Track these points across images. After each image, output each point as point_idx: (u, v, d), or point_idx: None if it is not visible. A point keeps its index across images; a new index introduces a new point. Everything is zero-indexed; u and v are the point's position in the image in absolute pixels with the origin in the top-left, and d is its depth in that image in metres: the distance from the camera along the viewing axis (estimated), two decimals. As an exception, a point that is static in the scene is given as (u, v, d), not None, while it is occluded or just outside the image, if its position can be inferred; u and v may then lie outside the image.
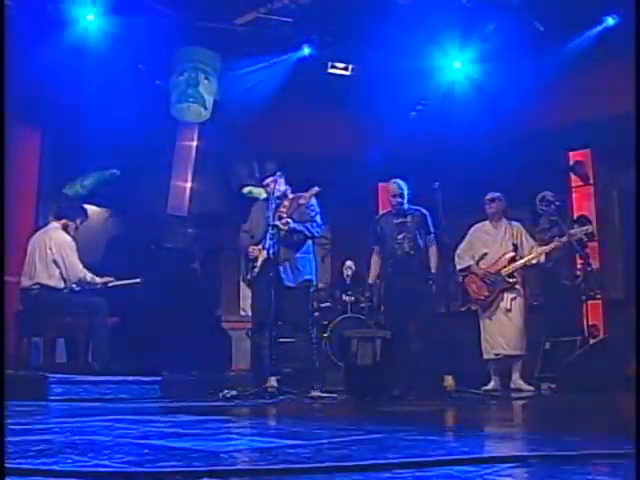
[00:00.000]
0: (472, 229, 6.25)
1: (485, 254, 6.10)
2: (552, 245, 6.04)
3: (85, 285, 5.85)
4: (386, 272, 5.77)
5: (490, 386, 5.86)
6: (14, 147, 6.64)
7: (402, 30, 7.52)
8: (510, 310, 5.89)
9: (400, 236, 5.66)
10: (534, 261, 6.03)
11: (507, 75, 8.18)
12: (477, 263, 6.11)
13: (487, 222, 6.24)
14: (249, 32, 7.66)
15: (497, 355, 5.90)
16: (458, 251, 6.16)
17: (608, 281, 7.75)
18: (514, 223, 6.25)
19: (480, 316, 6.07)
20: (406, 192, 5.83)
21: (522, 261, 6.02)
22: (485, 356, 5.99)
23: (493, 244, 6.10)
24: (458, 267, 6.12)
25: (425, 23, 7.31)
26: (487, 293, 5.95)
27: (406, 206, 5.78)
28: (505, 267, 5.98)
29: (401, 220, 5.72)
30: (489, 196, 6.24)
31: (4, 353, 4.65)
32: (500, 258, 6.04)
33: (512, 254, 6.05)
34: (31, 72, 6.90)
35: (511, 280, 5.95)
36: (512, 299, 5.91)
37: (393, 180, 5.93)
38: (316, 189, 5.43)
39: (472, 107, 8.35)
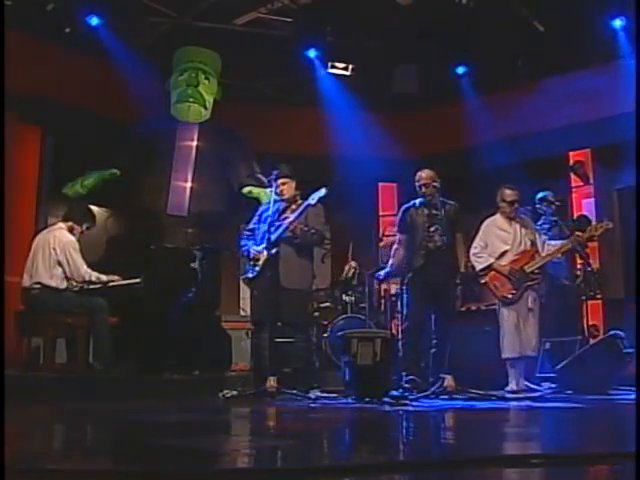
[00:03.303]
0: (484, 225, 5.89)
1: (505, 252, 5.76)
2: (571, 240, 5.76)
3: (90, 285, 5.85)
4: (416, 264, 5.50)
5: (512, 386, 5.65)
6: (15, 146, 6.65)
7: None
8: (532, 310, 5.64)
9: (432, 228, 5.44)
10: (558, 255, 5.83)
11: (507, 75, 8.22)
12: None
13: (498, 216, 5.88)
14: (249, 32, 7.66)
15: (520, 354, 5.66)
16: (474, 250, 5.79)
17: (608, 281, 7.74)
18: (522, 216, 5.97)
19: (503, 314, 5.70)
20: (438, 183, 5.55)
21: (544, 257, 5.74)
22: (508, 355, 5.61)
23: (514, 241, 5.78)
24: (479, 266, 5.74)
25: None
26: (514, 291, 5.65)
27: (439, 198, 5.50)
28: (527, 264, 5.71)
29: (433, 212, 5.47)
30: (515, 197, 5.82)
31: (4, 353, 4.65)
32: (521, 255, 5.75)
33: (533, 250, 5.77)
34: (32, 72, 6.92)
35: (536, 277, 5.69)
36: (534, 298, 5.68)
37: (426, 170, 5.65)
38: (323, 191, 5.35)
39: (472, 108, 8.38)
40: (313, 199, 5.35)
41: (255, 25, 7.66)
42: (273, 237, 5.30)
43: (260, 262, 5.41)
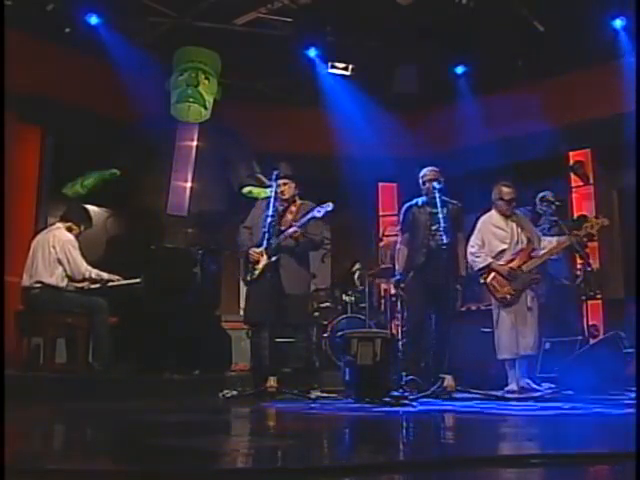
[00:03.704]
0: (480, 222, 5.84)
1: (503, 250, 5.71)
2: (569, 238, 5.71)
3: (91, 282, 5.86)
4: (417, 262, 5.50)
5: (512, 387, 5.65)
6: (15, 146, 6.66)
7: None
8: (531, 309, 5.59)
9: (434, 227, 5.41)
10: (556, 253, 5.80)
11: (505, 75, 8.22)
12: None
13: (494, 213, 5.82)
14: (249, 32, 7.66)
15: (516, 355, 5.67)
16: (472, 249, 5.72)
17: (608, 281, 7.75)
18: (518, 213, 5.92)
19: (500, 315, 5.67)
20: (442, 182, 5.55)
21: (542, 255, 5.69)
22: (505, 356, 5.61)
23: (511, 239, 5.73)
24: (477, 266, 5.69)
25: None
26: (513, 291, 5.60)
27: (442, 197, 5.49)
28: (525, 263, 5.64)
29: (436, 210, 5.41)
30: (513, 195, 5.76)
31: (4, 353, 4.65)
32: (519, 253, 5.70)
33: (530, 248, 5.71)
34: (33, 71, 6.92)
35: (535, 276, 5.63)
36: (532, 297, 5.63)
37: (431, 167, 5.65)
38: (331, 206, 5.34)
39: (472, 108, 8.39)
40: (319, 212, 5.33)
41: (255, 25, 7.66)
42: (274, 243, 5.28)
43: (260, 266, 5.39)
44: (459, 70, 8.40)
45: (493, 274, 5.68)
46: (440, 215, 5.32)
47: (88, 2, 7.10)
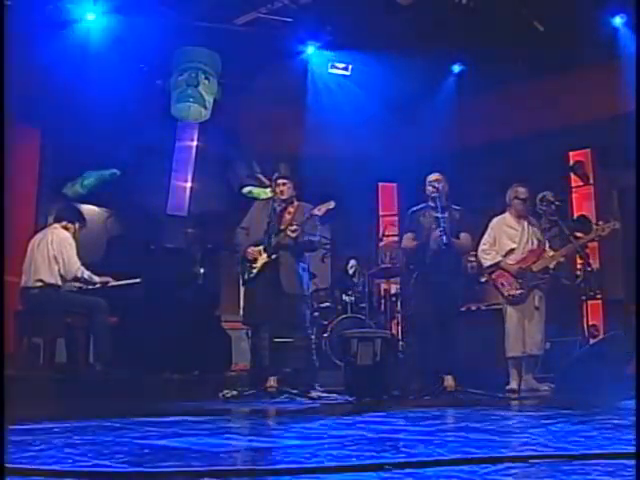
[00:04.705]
0: (493, 223, 5.94)
1: (512, 249, 5.81)
2: (580, 242, 5.80)
3: (82, 283, 5.85)
4: (423, 263, 5.54)
5: (513, 386, 5.69)
6: (14, 147, 6.65)
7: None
8: (538, 308, 5.68)
9: (438, 229, 5.42)
10: (562, 258, 5.85)
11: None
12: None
13: (507, 215, 5.94)
14: (249, 32, 7.67)
15: (523, 353, 5.71)
16: (483, 247, 5.85)
17: (608, 281, 7.75)
18: (531, 218, 6.01)
19: (507, 313, 5.76)
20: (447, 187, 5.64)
21: (552, 256, 5.75)
22: (512, 354, 5.68)
23: (521, 239, 5.83)
24: (486, 263, 5.81)
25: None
26: (521, 290, 5.69)
27: (446, 202, 5.57)
28: (535, 263, 5.73)
29: (440, 214, 5.44)
30: (527, 195, 5.90)
31: (4, 353, 4.65)
32: (528, 253, 5.79)
33: (540, 249, 5.80)
34: (31, 71, 6.91)
35: (544, 277, 5.72)
36: (540, 297, 5.71)
37: (436, 173, 5.72)
38: (332, 204, 5.34)
39: (472, 108, 8.39)
40: (320, 210, 5.32)
41: (255, 25, 7.67)
42: (273, 242, 5.28)
43: (258, 264, 5.39)
44: (459, 70, 8.41)
45: (501, 272, 5.74)
46: (439, 216, 5.36)
47: (88, 2, 7.10)
